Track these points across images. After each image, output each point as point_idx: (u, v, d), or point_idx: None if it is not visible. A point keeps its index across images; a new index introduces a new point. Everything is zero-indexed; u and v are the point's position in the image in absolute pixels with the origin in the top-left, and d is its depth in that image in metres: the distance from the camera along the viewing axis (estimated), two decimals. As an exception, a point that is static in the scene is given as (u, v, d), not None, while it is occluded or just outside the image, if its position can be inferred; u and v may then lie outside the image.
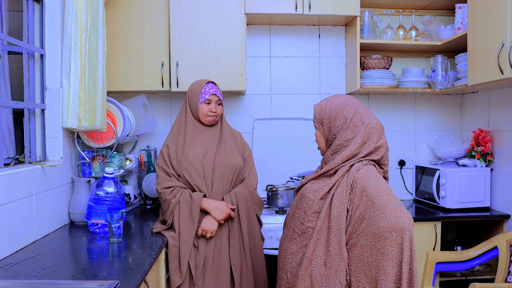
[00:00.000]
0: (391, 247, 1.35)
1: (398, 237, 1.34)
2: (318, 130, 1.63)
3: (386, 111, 3.08)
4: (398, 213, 1.36)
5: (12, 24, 2.08)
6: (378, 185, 1.44)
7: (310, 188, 1.58)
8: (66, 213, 2.22)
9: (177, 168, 2.08)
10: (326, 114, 1.57)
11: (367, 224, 1.40)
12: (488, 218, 2.62)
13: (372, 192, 1.42)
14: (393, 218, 1.35)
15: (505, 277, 2.19)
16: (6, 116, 1.97)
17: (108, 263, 1.62)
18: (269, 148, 2.94)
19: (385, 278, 1.35)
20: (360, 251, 1.42)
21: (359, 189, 1.45)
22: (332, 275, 1.45)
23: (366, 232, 1.40)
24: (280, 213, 2.57)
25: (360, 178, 1.46)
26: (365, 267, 1.40)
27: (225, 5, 2.62)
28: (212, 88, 2.14)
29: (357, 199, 1.45)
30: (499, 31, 2.13)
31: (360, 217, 1.43)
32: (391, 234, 1.35)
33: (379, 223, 1.37)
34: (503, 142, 2.61)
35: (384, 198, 1.39)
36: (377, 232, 1.37)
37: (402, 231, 1.34)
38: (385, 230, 1.35)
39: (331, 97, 1.63)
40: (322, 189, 1.53)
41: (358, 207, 1.44)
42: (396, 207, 1.38)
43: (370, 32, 2.83)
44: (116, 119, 2.44)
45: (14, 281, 1.41)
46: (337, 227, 1.46)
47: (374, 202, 1.40)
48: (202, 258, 2.02)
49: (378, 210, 1.38)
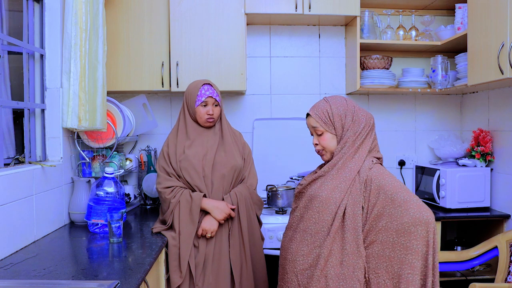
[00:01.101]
0: (416, 241, 1.39)
1: (423, 231, 1.39)
2: (327, 133, 1.59)
3: (386, 111, 3.08)
4: (421, 208, 1.42)
5: (12, 24, 2.08)
6: (394, 182, 1.48)
7: (322, 188, 1.56)
8: (66, 213, 2.22)
9: (177, 168, 2.08)
10: (335, 114, 1.58)
11: (388, 221, 1.44)
12: (488, 218, 2.62)
13: (390, 189, 1.46)
14: (417, 213, 1.40)
15: (505, 277, 2.19)
16: (6, 116, 1.97)
17: (108, 263, 1.62)
18: (269, 148, 2.94)
19: (411, 272, 1.38)
20: (380, 248, 1.45)
21: (375, 187, 1.48)
22: (349, 274, 1.46)
23: (386, 229, 1.44)
24: (280, 213, 2.57)
25: (375, 176, 1.50)
26: (386, 263, 1.44)
27: (225, 5, 2.62)
28: (208, 90, 2.13)
29: (374, 197, 1.48)
30: (499, 31, 2.13)
31: (379, 215, 1.46)
32: (416, 228, 1.39)
33: (402, 218, 1.41)
34: (503, 142, 2.61)
35: (404, 194, 1.44)
36: (400, 228, 1.41)
37: (427, 224, 1.39)
38: (410, 225, 1.40)
39: (325, 100, 1.63)
40: (339, 188, 1.52)
41: (376, 204, 1.47)
42: (417, 201, 1.44)
43: (370, 32, 2.83)
44: (116, 119, 2.44)
45: (14, 281, 1.41)
46: (353, 226, 1.48)
47: (394, 199, 1.44)
48: (202, 258, 2.02)
49: (399, 206, 1.42)
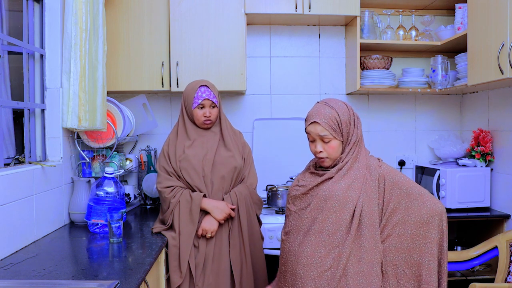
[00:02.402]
0: (434, 230, 1.50)
1: (438, 220, 1.51)
2: (335, 140, 1.54)
3: (386, 111, 3.08)
4: (435, 199, 1.54)
5: (12, 24, 2.08)
6: (406, 178, 1.57)
7: (336, 187, 1.52)
8: (66, 213, 2.22)
9: (177, 169, 2.08)
10: (343, 120, 1.54)
11: (405, 214, 1.52)
12: (488, 218, 2.62)
13: (404, 184, 1.54)
14: (433, 204, 1.51)
15: (505, 277, 2.19)
16: (6, 116, 1.97)
17: (108, 263, 1.62)
18: (269, 148, 2.94)
19: (431, 258, 1.49)
20: (397, 241, 1.52)
21: (389, 183, 1.54)
22: (368, 270, 1.48)
23: (404, 222, 1.51)
24: (280, 213, 2.57)
25: (387, 173, 1.56)
26: (405, 253, 1.51)
27: (225, 5, 2.62)
28: (205, 92, 2.11)
29: (388, 192, 1.54)
30: (499, 31, 2.13)
31: (394, 209, 1.53)
32: (434, 219, 1.50)
33: (421, 210, 1.51)
34: (503, 142, 2.61)
35: (417, 188, 1.54)
36: (419, 219, 1.50)
37: (441, 214, 1.52)
38: (429, 216, 1.50)
39: (332, 106, 1.55)
40: (353, 185, 1.51)
41: (391, 200, 1.53)
42: (429, 194, 1.55)
43: (370, 32, 2.83)
44: (116, 119, 2.44)
45: (14, 281, 1.41)
46: (371, 222, 1.50)
47: (410, 193, 1.52)
48: (202, 258, 2.02)
49: (415, 199, 1.52)
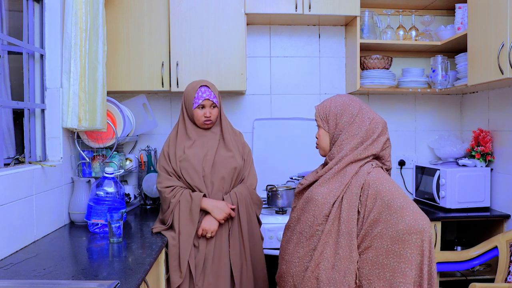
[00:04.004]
0: (410, 249, 1.35)
1: (418, 239, 1.34)
2: (322, 129, 1.61)
3: (386, 111, 3.08)
4: (417, 215, 1.36)
5: (12, 24, 2.08)
6: (392, 188, 1.44)
7: (319, 191, 1.55)
8: (66, 213, 2.22)
9: (177, 169, 2.08)
10: (332, 112, 1.58)
11: (383, 227, 1.40)
12: (488, 218, 2.62)
13: (387, 195, 1.42)
14: (413, 221, 1.35)
15: (505, 277, 2.19)
16: (6, 116, 1.97)
17: (108, 263, 1.62)
18: (269, 148, 2.94)
19: (403, 281, 1.34)
20: (374, 254, 1.41)
21: (372, 192, 1.45)
22: (340, 278, 1.44)
23: (382, 235, 1.40)
24: (280, 213, 2.57)
25: (373, 181, 1.46)
26: (379, 270, 1.39)
27: (225, 5, 2.62)
28: (205, 92, 2.12)
29: (371, 202, 1.44)
30: (499, 31, 2.13)
31: (375, 220, 1.42)
32: (411, 237, 1.34)
33: (398, 225, 1.36)
34: (503, 142, 2.61)
35: (401, 201, 1.39)
36: (395, 235, 1.37)
37: (422, 233, 1.34)
38: (405, 233, 1.35)
39: (333, 96, 1.64)
40: (334, 192, 1.51)
41: (372, 210, 1.43)
42: (414, 209, 1.38)
43: (370, 32, 2.83)
44: (116, 119, 2.44)
45: (14, 281, 1.41)
46: (348, 230, 1.45)
47: (391, 205, 1.39)
48: (202, 258, 2.02)
49: (395, 213, 1.38)
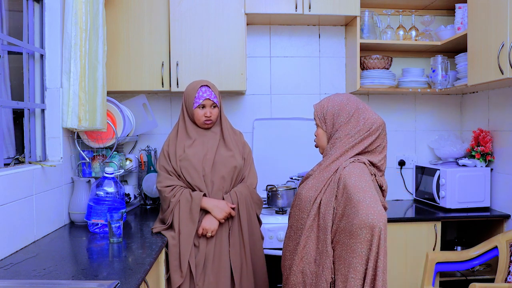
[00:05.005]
0: (361, 244, 1.33)
1: (368, 234, 1.32)
2: (320, 128, 1.63)
3: (386, 111, 3.08)
4: (370, 210, 1.33)
5: (12, 24, 2.08)
6: (357, 182, 1.41)
7: (304, 186, 1.60)
8: (66, 213, 2.22)
9: (177, 168, 2.08)
10: (329, 111, 1.59)
11: (345, 222, 1.39)
12: (488, 218, 2.62)
13: (350, 188, 1.40)
14: (364, 215, 1.32)
15: (505, 277, 2.19)
16: (6, 116, 1.97)
17: (108, 263, 1.62)
18: (269, 148, 2.94)
19: (354, 276, 1.34)
20: (340, 249, 1.42)
21: (341, 186, 1.45)
22: (320, 273, 1.46)
23: (344, 230, 1.40)
24: (280, 213, 2.57)
25: (344, 175, 1.46)
26: (342, 265, 1.40)
27: (225, 5, 2.62)
28: (206, 92, 2.12)
29: (340, 196, 1.45)
30: (499, 31, 2.13)
31: (341, 215, 1.42)
32: (362, 231, 1.33)
33: (353, 220, 1.35)
34: (503, 142, 2.61)
35: (359, 195, 1.37)
36: (350, 229, 1.36)
37: (372, 228, 1.31)
38: (357, 227, 1.33)
39: (332, 95, 1.65)
40: (316, 187, 1.55)
41: (340, 204, 1.44)
42: (369, 204, 1.34)
43: (370, 32, 2.83)
44: (116, 119, 2.44)
45: (14, 281, 1.41)
46: (324, 225, 1.48)
47: (351, 199, 1.38)
48: (202, 257, 2.02)
49: (354, 207, 1.36)
